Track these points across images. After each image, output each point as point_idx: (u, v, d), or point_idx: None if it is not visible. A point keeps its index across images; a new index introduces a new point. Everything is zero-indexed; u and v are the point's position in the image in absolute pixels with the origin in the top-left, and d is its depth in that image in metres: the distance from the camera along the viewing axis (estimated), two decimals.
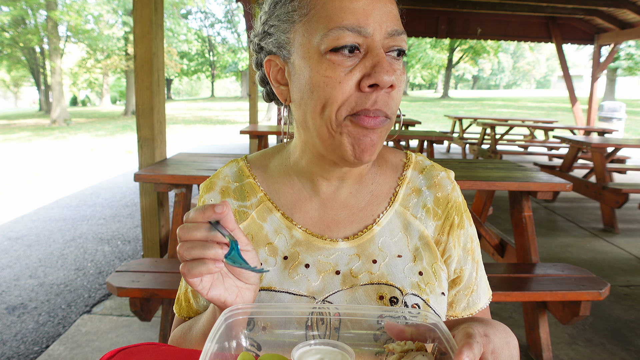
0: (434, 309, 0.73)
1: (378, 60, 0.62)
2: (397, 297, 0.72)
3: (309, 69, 0.65)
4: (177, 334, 0.80)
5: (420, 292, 0.73)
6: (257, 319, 0.69)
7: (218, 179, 0.84)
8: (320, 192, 0.78)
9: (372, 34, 0.63)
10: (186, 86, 53.68)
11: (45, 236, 4.20)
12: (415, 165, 0.82)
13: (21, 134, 14.45)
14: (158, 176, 2.42)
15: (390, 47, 0.65)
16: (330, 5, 0.63)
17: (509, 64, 57.48)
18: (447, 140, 7.37)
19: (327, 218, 0.78)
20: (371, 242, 0.76)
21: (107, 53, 25.60)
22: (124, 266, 2.16)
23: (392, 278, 0.73)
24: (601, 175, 4.45)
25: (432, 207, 0.79)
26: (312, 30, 0.65)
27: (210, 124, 17.16)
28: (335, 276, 0.74)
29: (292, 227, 0.77)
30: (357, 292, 0.72)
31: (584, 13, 8.74)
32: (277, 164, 0.83)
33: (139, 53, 2.81)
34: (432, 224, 0.78)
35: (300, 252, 0.76)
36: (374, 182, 0.80)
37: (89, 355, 2.25)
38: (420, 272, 0.75)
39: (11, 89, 38.58)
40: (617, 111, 10.71)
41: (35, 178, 7.21)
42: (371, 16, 0.63)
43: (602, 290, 2.00)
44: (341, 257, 0.75)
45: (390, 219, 0.77)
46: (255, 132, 4.47)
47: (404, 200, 0.79)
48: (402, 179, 0.81)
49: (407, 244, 0.77)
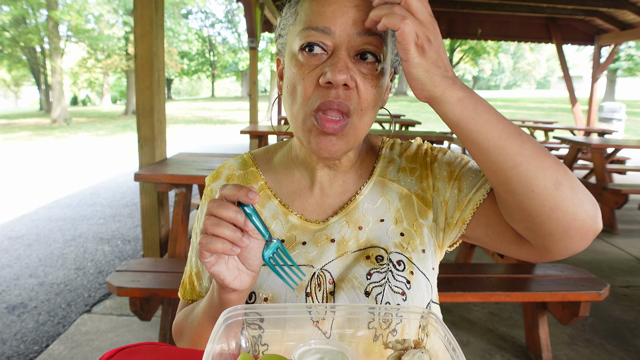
0: (416, 265, 0.78)
1: (336, 60, 0.67)
2: (382, 255, 0.78)
3: (289, 67, 0.74)
4: (180, 316, 0.86)
5: (403, 250, 0.79)
6: (258, 292, 0.75)
7: (224, 169, 0.91)
8: (317, 182, 0.84)
9: (338, 35, 0.68)
10: (186, 86, 53.69)
11: (45, 236, 4.20)
12: (388, 145, 0.91)
13: (21, 133, 14.45)
14: (158, 176, 2.43)
15: (359, 50, 0.69)
16: (309, 10, 0.71)
17: (509, 65, 57.47)
18: (447, 141, 7.36)
19: (324, 204, 0.85)
20: (356, 210, 0.83)
21: (108, 53, 25.60)
22: (124, 266, 2.16)
23: (377, 241, 0.80)
24: (601, 176, 4.45)
25: (406, 165, 0.86)
26: (294, 33, 0.73)
27: (211, 124, 17.16)
28: (331, 244, 0.80)
29: (288, 214, 0.84)
30: (348, 258, 0.78)
31: (584, 14, 8.74)
32: (280, 157, 0.90)
33: (139, 53, 2.82)
34: (411, 179, 0.84)
35: (296, 235, 0.82)
36: (361, 167, 0.87)
37: (89, 355, 2.25)
38: (401, 233, 0.81)
39: (12, 88, 38.59)
40: (617, 112, 10.71)
41: (36, 177, 7.22)
42: (340, 19, 0.68)
43: (601, 291, 2.00)
44: (334, 227, 0.81)
45: (371, 188, 0.84)
46: (256, 132, 4.47)
47: (381, 171, 0.86)
48: (379, 157, 0.89)
49: (388, 207, 0.83)
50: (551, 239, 0.66)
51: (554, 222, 0.63)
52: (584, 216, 0.63)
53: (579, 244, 0.66)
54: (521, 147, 0.62)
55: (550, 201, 0.62)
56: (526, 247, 0.72)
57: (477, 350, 2.38)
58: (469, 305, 2.87)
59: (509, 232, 0.73)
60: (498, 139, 0.62)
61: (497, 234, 0.75)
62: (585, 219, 0.63)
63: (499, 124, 0.62)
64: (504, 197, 0.67)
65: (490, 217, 0.76)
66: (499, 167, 0.63)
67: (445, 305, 2.79)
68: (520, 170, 0.62)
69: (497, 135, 0.62)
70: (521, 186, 0.63)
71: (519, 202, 0.64)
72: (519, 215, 0.67)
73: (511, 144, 0.62)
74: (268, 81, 32.53)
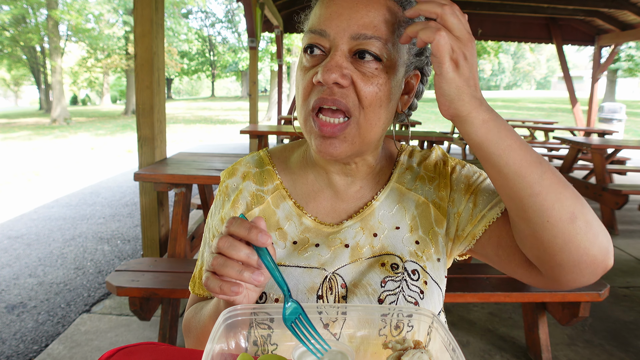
0: (430, 274, 0.78)
1: (328, 60, 0.68)
2: (398, 264, 0.77)
3: (297, 68, 0.76)
4: (190, 313, 0.86)
5: (417, 259, 0.78)
6: (269, 292, 0.75)
7: (240, 165, 0.90)
8: (332, 185, 0.84)
9: (333, 36, 0.69)
10: (186, 86, 53.66)
11: (45, 235, 4.20)
12: (406, 152, 0.90)
13: (21, 132, 14.45)
14: (158, 175, 2.42)
15: (356, 50, 0.69)
16: (314, 14, 0.73)
17: (510, 65, 57.48)
18: (447, 141, 7.37)
19: (339, 208, 0.84)
20: (372, 216, 0.82)
21: (108, 52, 25.61)
22: (123, 265, 2.16)
23: (392, 248, 0.79)
24: (601, 176, 4.45)
25: (424, 174, 0.85)
26: (304, 36, 0.76)
27: (211, 124, 17.16)
28: (345, 249, 0.79)
29: (302, 215, 0.83)
30: (362, 264, 0.78)
31: (584, 14, 8.74)
32: (296, 157, 0.89)
33: (139, 52, 2.81)
34: (429, 187, 0.84)
35: (309, 237, 0.81)
36: (379, 173, 0.86)
37: (88, 355, 2.25)
38: (416, 241, 0.80)
39: (11, 87, 38.56)
40: (617, 112, 10.70)
41: (35, 177, 7.21)
42: (336, 20, 0.69)
43: (601, 292, 2.00)
44: (348, 232, 0.81)
45: (387, 194, 0.84)
46: (256, 131, 4.47)
47: (399, 178, 0.86)
48: (397, 164, 0.88)
49: (404, 215, 0.82)
50: (560, 270, 0.65)
51: (566, 255, 0.63)
52: (596, 252, 0.62)
53: (588, 278, 0.66)
54: (541, 177, 0.61)
55: (564, 234, 0.62)
56: (535, 273, 0.71)
57: (476, 350, 2.38)
58: (468, 305, 2.87)
59: (519, 256, 0.73)
60: (519, 166, 0.61)
61: (508, 255, 0.75)
62: (597, 255, 0.63)
63: (521, 151, 0.62)
64: (517, 223, 0.67)
65: (503, 237, 0.75)
66: (516, 194, 0.63)
67: (445, 306, 2.78)
68: (537, 200, 0.62)
69: (518, 161, 0.61)
70: (536, 215, 0.62)
71: (532, 230, 0.64)
72: (530, 243, 0.66)
73: (531, 173, 0.61)
74: (268, 81, 32.52)
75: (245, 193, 0.85)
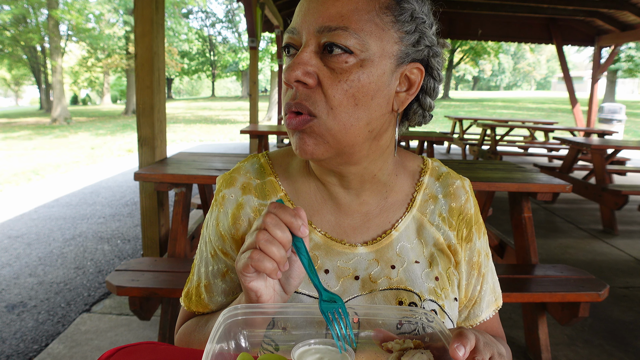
0: (448, 314, 0.74)
1: (295, 58, 0.64)
2: (416, 303, 0.72)
3: None
4: (189, 329, 0.80)
5: (436, 297, 0.74)
6: (277, 320, 0.69)
7: (239, 174, 0.80)
8: (334, 198, 0.77)
9: (300, 33, 0.65)
10: (187, 85, 53.67)
11: (45, 235, 4.20)
12: (432, 172, 0.82)
13: (22, 132, 14.45)
14: (158, 175, 2.42)
15: (322, 44, 0.64)
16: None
17: (510, 65, 57.45)
18: (447, 141, 7.38)
19: (343, 223, 0.77)
20: (389, 248, 0.76)
21: (108, 52, 25.63)
22: (123, 265, 2.16)
23: (411, 284, 0.73)
24: (601, 176, 4.45)
25: (447, 216, 0.79)
26: None
27: (211, 124, 17.16)
28: (355, 281, 0.74)
29: (311, 231, 0.76)
30: (377, 297, 0.73)
31: (584, 14, 8.74)
32: (297, 162, 0.81)
33: (139, 52, 2.82)
34: (450, 232, 0.79)
35: (319, 256, 0.75)
36: (390, 189, 0.79)
37: (88, 354, 2.25)
38: (436, 277, 0.75)
39: (12, 87, 38.57)
40: (617, 113, 10.70)
41: (36, 177, 7.22)
42: (305, 17, 0.65)
43: (601, 292, 2.00)
44: (360, 262, 0.75)
45: (407, 225, 0.77)
46: (256, 131, 4.47)
47: (421, 206, 0.79)
48: (420, 185, 0.80)
49: (422, 250, 0.77)
50: None
51: None
52: None
53: None
54: None
55: None
56: None
57: None
58: None
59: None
60: None
61: None
62: None
63: None
64: None
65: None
66: None
67: None
68: None
69: None
70: None
71: None
72: None
73: None
74: (268, 81, 32.52)
75: (247, 209, 0.78)
